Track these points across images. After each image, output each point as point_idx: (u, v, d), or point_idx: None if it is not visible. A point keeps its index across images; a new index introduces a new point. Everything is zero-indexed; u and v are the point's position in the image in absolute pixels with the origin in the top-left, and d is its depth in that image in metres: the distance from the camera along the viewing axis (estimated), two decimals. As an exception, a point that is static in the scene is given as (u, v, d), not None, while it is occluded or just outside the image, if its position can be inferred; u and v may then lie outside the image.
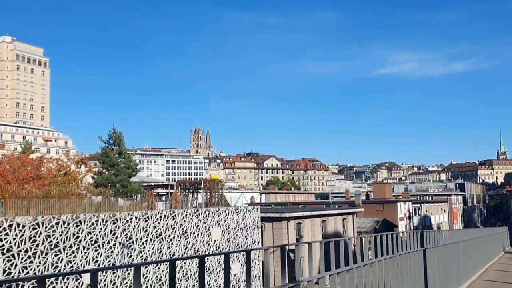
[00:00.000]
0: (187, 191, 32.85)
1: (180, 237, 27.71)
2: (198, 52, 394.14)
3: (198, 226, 29.01)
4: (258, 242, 34.67)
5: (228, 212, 31.58)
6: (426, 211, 78.37)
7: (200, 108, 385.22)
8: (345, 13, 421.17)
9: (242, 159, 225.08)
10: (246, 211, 33.42)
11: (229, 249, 31.39)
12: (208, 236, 29.78)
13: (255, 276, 33.91)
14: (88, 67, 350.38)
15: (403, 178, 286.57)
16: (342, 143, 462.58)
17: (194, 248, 28.64)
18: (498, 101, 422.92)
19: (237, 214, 32.48)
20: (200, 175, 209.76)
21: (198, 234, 28.99)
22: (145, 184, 35.55)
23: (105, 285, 23.46)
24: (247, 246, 33.20)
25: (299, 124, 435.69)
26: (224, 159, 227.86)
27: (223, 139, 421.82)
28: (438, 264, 8.46)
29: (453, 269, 9.50)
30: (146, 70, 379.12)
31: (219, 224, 30.72)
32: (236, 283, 32.12)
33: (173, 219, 27.39)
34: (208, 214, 29.89)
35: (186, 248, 28.06)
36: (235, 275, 31.97)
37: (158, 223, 26.44)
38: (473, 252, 12.29)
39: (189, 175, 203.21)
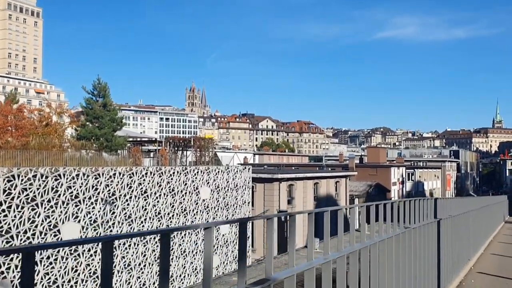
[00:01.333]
0: (176, 148, 31.62)
1: (167, 195, 26.66)
2: (195, 10, 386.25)
3: (186, 184, 27.93)
4: (249, 203, 33.78)
5: (218, 172, 30.49)
6: (420, 177, 77.93)
7: (196, 67, 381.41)
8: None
9: (237, 119, 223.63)
10: (237, 171, 32.35)
11: (217, 209, 30.49)
12: (197, 195, 28.77)
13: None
14: (82, 21, 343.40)
15: (397, 143, 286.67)
16: (337, 107, 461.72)
17: (181, 206, 27.65)
18: (497, 69, 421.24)
19: (228, 174, 31.42)
20: (194, 134, 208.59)
21: (185, 193, 27.94)
22: (131, 139, 34.28)
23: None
24: (236, 207, 32.31)
25: (295, 86, 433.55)
26: (219, 118, 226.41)
27: (219, 98, 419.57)
28: (451, 237, 7.43)
29: (463, 242, 8.49)
30: (143, 27, 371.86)
31: (208, 183, 29.68)
32: (225, 243, 31.38)
33: (160, 176, 26.26)
34: (197, 172, 28.78)
35: (173, 206, 27.06)
36: (223, 235, 31.20)
37: (144, 180, 25.31)
38: (480, 223, 11.29)
39: (183, 133, 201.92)
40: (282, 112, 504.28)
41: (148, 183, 25.60)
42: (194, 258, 28.51)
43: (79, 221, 22.29)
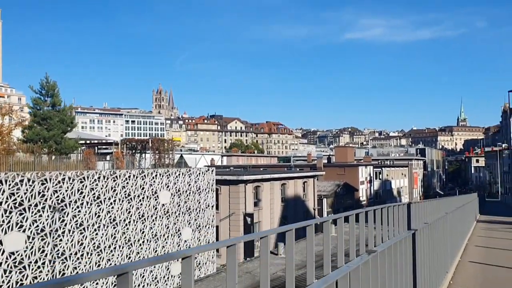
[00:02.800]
0: (134, 151, 29.92)
1: (122, 201, 24.98)
2: (164, 11, 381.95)
3: (143, 188, 26.30)
4: (212, 206, 32.32)
5: (179, 174, 28.95)
6: (387, 175, 77.90)
7: (165, 69, 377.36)
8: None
9: (205, 121, 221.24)
10: (199, 174, 30.86)
11: (178, 213, 28.95)
12: (156, 199, 27.16)
13: (207, 241, 31.71)
14: (45, 23, 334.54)
15: (365, 143, 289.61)
16: (306, 107, 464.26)
17: (139, 212, 26.01)
18: (461, 69, 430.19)
19: (189, 177, 29.90)
20: (161, 136, 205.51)
21: (143, 198, 26.31)
22: (85, 141, 32.35)
23: (32, 252, 20.69)
24: (199, 211, 30.82)
25: (264, 87, 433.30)
26: (187, 120, 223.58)
27: (188, 100, 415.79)
28: (428, 249, 6.24)
29: (440, 252, 7.34)
30: (109, 28, 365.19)
31: (168, 186, 28.10)
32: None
33: (114, 180, 24.57)
34: (156, 176, 27.17)
35: (129, 212, 25.39)
36: (185, 241, 29.68)
37: (96, 184, 23.58)
38: (456, 226, 10.23)
39: (149, 136, 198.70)
40: (251, 113, 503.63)
41: (101, 188, 23.88)
42: (154, 266, 26.88)
43: (24, 231, 20.45)
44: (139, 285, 25.87)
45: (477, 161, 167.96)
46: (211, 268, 31.53)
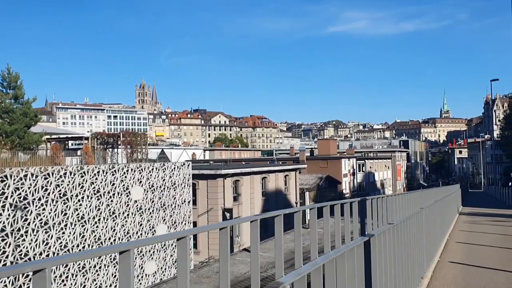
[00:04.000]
0: (106, 145, 28.69)
1: (91, 197, 23.78)
2: (147, 6, 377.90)
3: (114, 184, 25.11)
4: (189, 202, 31.24)
5: (152, 169, 27.79)
6: (370, 167, 77.46)
7: (148, 64, 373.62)
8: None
9: (189, 115, 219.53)
10: (174, 168, 29.73)
11: (152, 210, 27.83)
12: (127, 196, 26.00)
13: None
14: (22, 16, 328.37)
15: (349, 136, 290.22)
16: (291, 101, 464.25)
17: (109, 210, 24.82)
18: (444, 61, 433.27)
19: (164, 172, 28.76)
20: (144, 131, 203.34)
21: (114, 194, 25.12)
22: (54, 136, 30.96)
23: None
24: (175, 207, 29.73)
25: (248, 81, 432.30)
26: (170, 115, 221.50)
27: (171, 95, 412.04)
28: (390, 256, 5.22)
29: (414, 255, 6.39)
30: (91, 22, 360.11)
31: (140, 182, 26.94)
32: (162, 247, 28.80)
33: (82, 176, 23.35)
34: (127, 171, 25.99)
35: (99, 209, 24.20)
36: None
37: (62, 181, 22.35)
38: (435, 221, 9.32)
39: (132, 131, 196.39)
40: (235, 107, 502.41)
41: (68, 185, 22.66)
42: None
43: (-18, 232, 19.23)
44: (110, 285, 24.79)
45: (460, 152, 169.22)
46: (191, 265, 30.47)
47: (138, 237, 26.92)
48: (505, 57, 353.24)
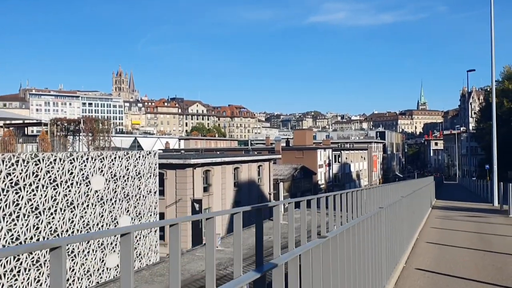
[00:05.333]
0: (66, 132, 27.14)
1: (47, 187, 22.31)
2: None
3: (72, 173, 23.65)
4: (155, 192, 29.93)
5: (115, 158, 26.37)
6: (346, 158, 76.94)
7: (126, 51, 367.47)
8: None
9: (166, 104, 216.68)
10: (139, 157, 28.35)
11: (115, 201, 26.45)
12: (87, 185, 24.57)
13: (150, 231, 29.43)
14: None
15: (327, 127, 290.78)
16: (270, 91, 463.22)
17: (67, 200, 23.39)
18: (421, 53, 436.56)
19: (127, 160, 27.36)
20: (120, 119, 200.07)
21: (72, 184, 23.68)
22: (7, 121, 29.22)
23: None
24: (140, 197, 28.40)
25: (227, 70, 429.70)
26: (146, 103, 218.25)
27: (149, 83, 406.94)
28: (346, 265, 4.20)
29: (373, 262, 5.31)
30: (66, 7, 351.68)
31: (101, 171, 25.52)
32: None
33: (36, 164, 21.85)
34: (87, 159, 24.54)
35: (55, 200, 22.75)
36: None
37: (14, 169, 20.85)
38: (401, 221, 8.24)
39: (107, 119, 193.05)
40: (213, 96, 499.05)
41: (21, 173, 21.16)
42: (86, 258, 24.50)
43: None
44: (68, 279, 23.43)
45: (436, 144, 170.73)
46: (154, 259, 29.28)
47: (99, 229, 25.55)
48: (482, 51, 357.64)
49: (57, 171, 22.91)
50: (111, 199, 26.22)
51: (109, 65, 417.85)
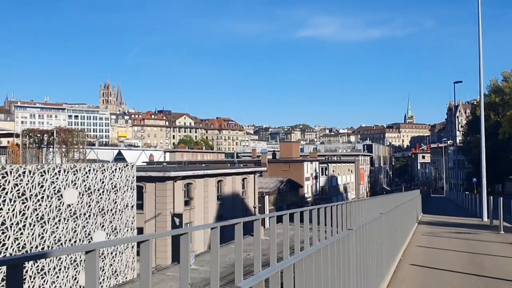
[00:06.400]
0: (40, 143, 25.98)
1: (14, 201, 21.09)
2: (112, 5, 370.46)
3: (42, 187, 22.46)
4: (132, 206, 28.73)
5: (89, 170, 25.21)
6: (333, 171, 76.15)
7: (114, 64, 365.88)
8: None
9: (153, 116, 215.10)
10: (115, 170, 27.21)
11: (89, 215, 25.24)
12: (59, 199, 23.36)
13: (127, 247, 28.22)
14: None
15: (316, 140, 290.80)
16: (259, 104, 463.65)
17: (36, 215, 22.15)
18: (409, 67, 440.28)
19: (103, 173, 26.20)
20: (106, 132, 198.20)
21: (42, 197, 22.47)
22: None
23: None
24: (116, 212, 27.20)
25: (216, 83, 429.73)
26: (133, 115, 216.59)
27: (137, 96, 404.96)
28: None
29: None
30: (57, 21, 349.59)
31: (75, 184, 24.33)
32: (101, 254, 26.18)
33: (4, 177, 20.65)
34: (59, 172, 23.36)
35: (24, 214, 21.51)
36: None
37: (-23, 183, 19.65)
38: (380, 239, 7.27)
39: (93, 131, 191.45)
40: (201, 109, 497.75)
41: (-15, 187, 19.96)
42: (57, 276, 23.21)
43: None
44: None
45: (423, 157, 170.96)
46: (131, 276, 28.02)
47: (71, 245, 24.32)
48: (468, 65, 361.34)
49: (26, 184, 21.71)
50: (84, 214, 25.00)
51: (97, 77, 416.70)
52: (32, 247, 22.25)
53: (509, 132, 57.91)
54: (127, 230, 28.31)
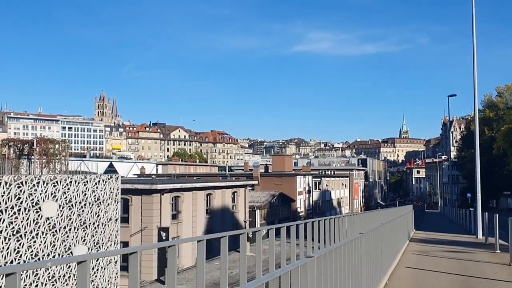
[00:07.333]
0: (20, 153, 25.08)
1: (-12, 214, 20.13)
2: (109, 19, 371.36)
3: (19, 199, 21.51)
4: (116, 220, 27.75)
5: (70, 182, 24.28)
6: (327, 185, 75.25)
7: (111, 77, 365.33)
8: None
9: (147, 129, 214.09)
10: (99, 182, 26.28)
11: (69, 229, 24.25)
12: (37, 212, 22.40)
13: (110, 262, 27.19)
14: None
15: (311, 154, 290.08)
16: (254, 118, 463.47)
17: (12, 228, 21.17)
18: (404, 83, 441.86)
19: (85, 185, 25.26)
20: (100, 144, 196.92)
21: (19, 210, 21.51)
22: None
23: None
24: (98, 225, 26.21)
25: (211, 96, 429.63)
26: (128, 128, 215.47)
27: (133, 109, 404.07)
28: None
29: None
30: (53, 34, 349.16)
31: (54, 196, 23.38)
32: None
33: (-23, 189, 19.73)
34: (38, 183, 22.44)
35: (-1, 228, 20.54)
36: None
37: (-51, 194, 18.71)
38: (359, 262, 6.44)
39: (87, 143, 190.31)
40: (196, 122, 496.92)
41: (-43, 199, 19.01)
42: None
43: None
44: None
45: (418, 172, 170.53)
46: (114, 292, 26.96)
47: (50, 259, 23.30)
48: (463, 80, 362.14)
49: (2, 196, 20.77)
50: (64, 227, 24.00)
51: (93, 90, 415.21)
52: (7, 262, 21.26)
53: (504, 147, 57.37)
54: (111, 244, 27.29)
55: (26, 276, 20.01)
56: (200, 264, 2.90)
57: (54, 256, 23.66)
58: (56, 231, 23.48)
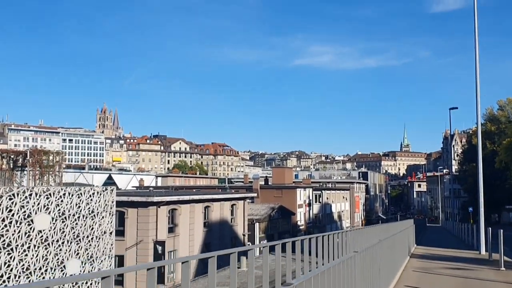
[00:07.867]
0: (14, 164, 24.64)
1: (-22, 227, 19.64)
2: (113, 30, 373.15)
3: (11, 211, 21.02)
4: (111, 233, 27.20)
5: (64, 194, 23.78)
6: (327, 198, 74.58)
7: (112, 89, 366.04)
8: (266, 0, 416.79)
9: (148, 141, 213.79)
10: (93, 194, 25.78)
11: (62, 242, 23.70)
12: (29, 225, 21.89)
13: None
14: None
15: (311, 166, 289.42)
16: (255, 130, 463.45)
17: (3, 242, 20.66)
18: (404, 96, 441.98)
19: (79, 197, 24.77)
20: (101, 156, 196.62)
21: (11, 223, 21.01)
22: None
23: None
24: (92, 238, 25.67)
25: (212, 109, 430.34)
26: (128, 140, 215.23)
27: (134, 121, 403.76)
28: None
29: None
30: (55, 46, 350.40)
31: (47, 209, 22.88)
32: (74, 286, 24.55)
33: (-33, 200, 19.26)
34: (30, 195, 21.95)
35: (-12, 241, 20.03)
36: (71, 275, 24.32)
37: None
38: (358, 281, 5.96)
39: (88, 155, 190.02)
40: (197, 134, 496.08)
41: None
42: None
43: None
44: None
45: (419, 186, 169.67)
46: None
47: (41, 274, 22.74)
48: (464, 94, 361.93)
49: (-8, 208, 20.28)
50: (57, 240, 23.46)
51: (95, 102, 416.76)
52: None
53: (506, 161, 56.80)
54: (105, 258, 26.72)
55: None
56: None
57: (46, 270, 23.10)
58: (48, 244, 22.95)
